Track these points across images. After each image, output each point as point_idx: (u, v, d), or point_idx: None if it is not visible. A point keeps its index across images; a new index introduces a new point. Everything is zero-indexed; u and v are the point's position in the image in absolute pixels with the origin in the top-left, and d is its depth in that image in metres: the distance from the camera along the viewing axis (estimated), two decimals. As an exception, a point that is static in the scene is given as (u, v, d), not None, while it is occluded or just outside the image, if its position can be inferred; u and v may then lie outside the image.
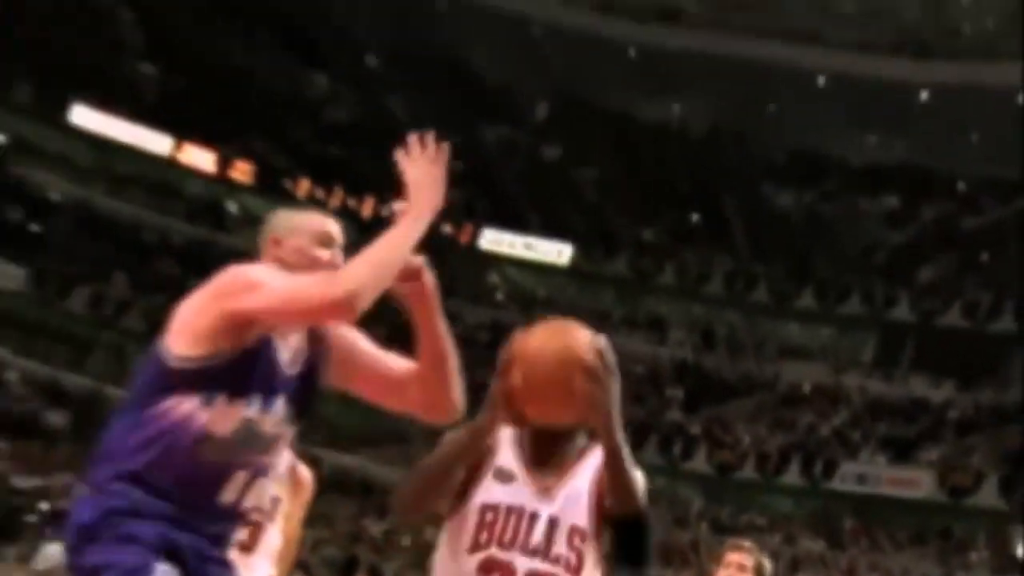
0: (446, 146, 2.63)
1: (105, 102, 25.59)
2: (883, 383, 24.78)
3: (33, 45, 26.64)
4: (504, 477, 2.87)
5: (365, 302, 2.61)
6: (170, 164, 26.29)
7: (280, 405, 2.67)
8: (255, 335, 2.64)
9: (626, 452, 2.71)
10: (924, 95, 25.89)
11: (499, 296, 26.05)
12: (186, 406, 2.56)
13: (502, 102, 27.37)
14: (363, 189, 24.76)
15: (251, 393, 2.65)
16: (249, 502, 2.76)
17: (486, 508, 2.89)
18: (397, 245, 2.68)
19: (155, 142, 26.46)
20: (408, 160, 2.68)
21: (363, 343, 2.88)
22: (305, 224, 2.99)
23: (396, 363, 2.89)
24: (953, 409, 24.04)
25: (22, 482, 21.88)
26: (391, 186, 2.73)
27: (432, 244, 2.55)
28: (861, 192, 26.66)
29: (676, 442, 23.64)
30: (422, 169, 2.70)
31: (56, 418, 23.00)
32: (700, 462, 23.41)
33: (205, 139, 25.75)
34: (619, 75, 26.93)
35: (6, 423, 22.57)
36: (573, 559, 2.84)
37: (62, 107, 26.92)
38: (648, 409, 23.83)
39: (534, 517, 2.89)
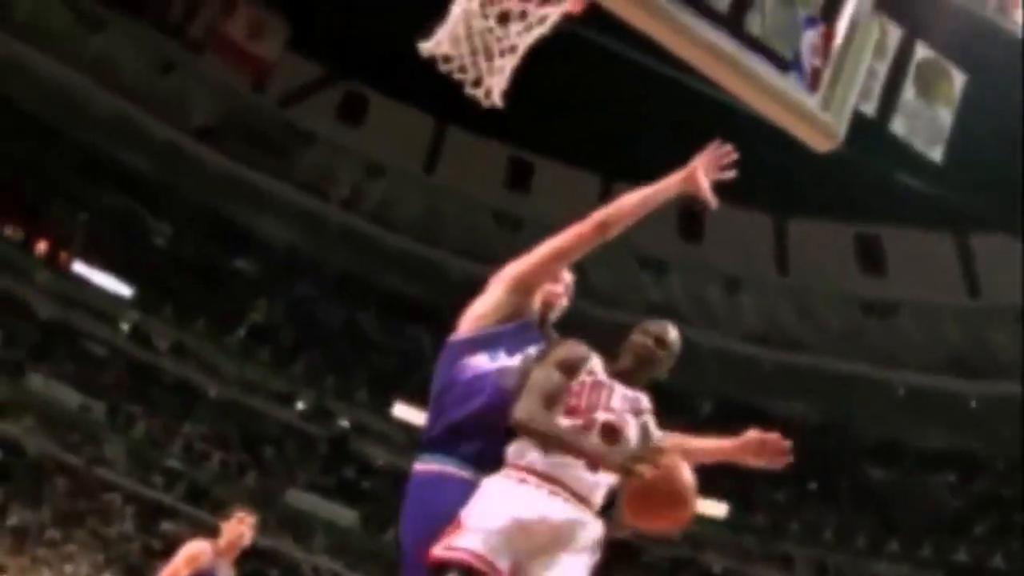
0: None
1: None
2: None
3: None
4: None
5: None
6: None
7: None
8: None
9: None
10: (972, 403, 36.92)
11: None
12: None
13: (673, 402, 39.16)
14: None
15: None
16: None
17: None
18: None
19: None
20: None
21: None
22: None
23: None
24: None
25: None
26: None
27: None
28: (929, 470, 36.22)
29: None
30: None
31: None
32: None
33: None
34: (759, 382, 38.53)
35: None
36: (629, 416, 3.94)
37: (388, 403, 35.37)
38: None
39: (612, 390, 3.96)
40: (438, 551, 3.76)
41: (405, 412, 34.87)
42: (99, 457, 31.93)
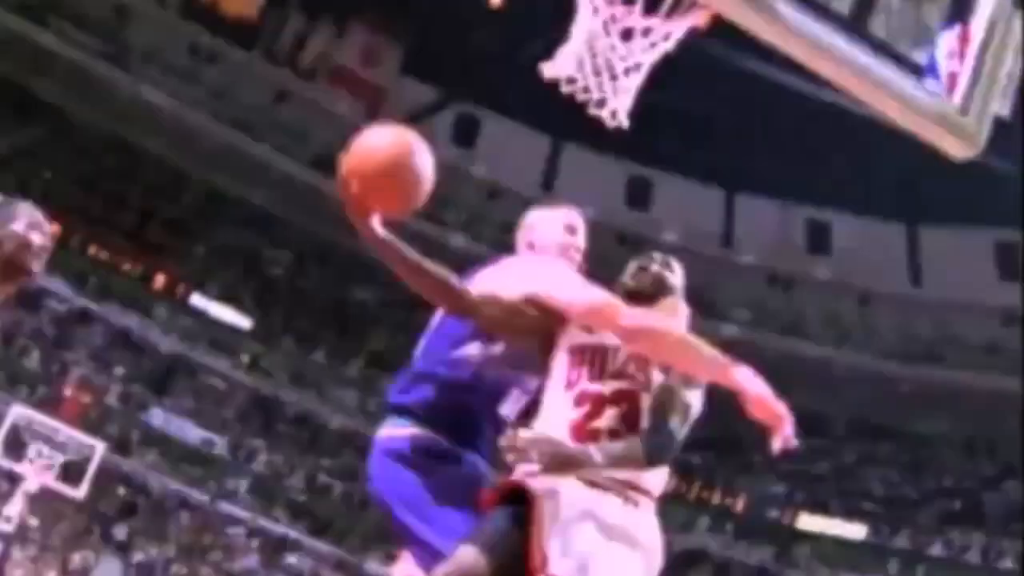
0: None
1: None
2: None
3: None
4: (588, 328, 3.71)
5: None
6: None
7: None
8: None
9: None
10: None
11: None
12: None
13: (812, 424, 38.94)
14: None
15: None
16: None
17: (574, 349, 3.72)
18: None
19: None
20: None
21: None
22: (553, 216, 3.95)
23: None
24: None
25: None
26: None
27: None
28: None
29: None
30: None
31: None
32: None
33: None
34: (895, 400, 38.06)
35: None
36: (644, 377, 3.65)
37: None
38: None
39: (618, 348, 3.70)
40: None
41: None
42: (222, 491, 32.54)
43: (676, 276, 4.17)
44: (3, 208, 4.49)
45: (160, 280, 35.67)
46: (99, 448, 23.68)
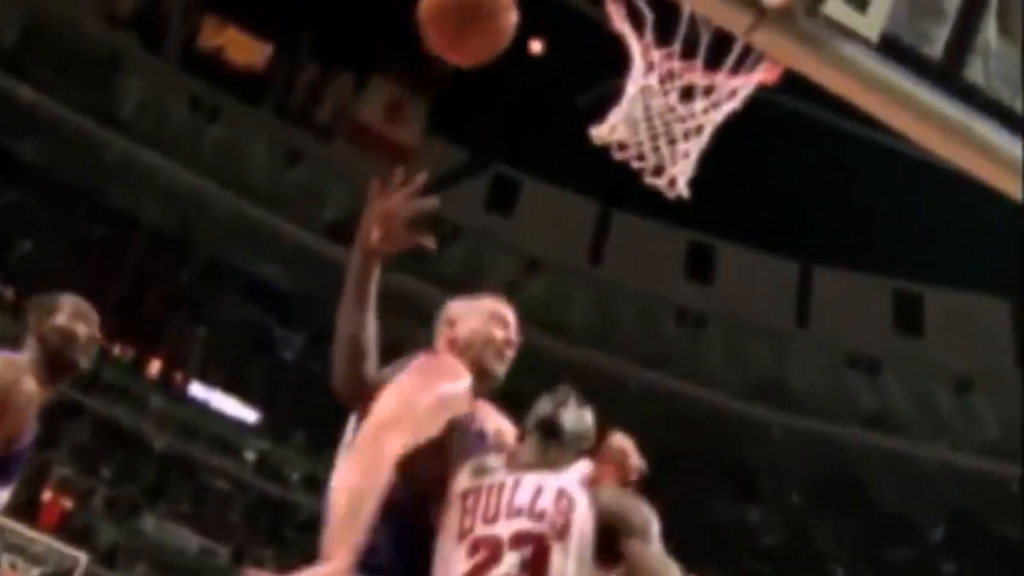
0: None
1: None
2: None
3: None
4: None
5: None
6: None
7: None
8: None
9: None
10: None
11: None
12: None
13: (902, 527, 38.57)
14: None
15: None
16: None
17: (466, 494, 3.58)
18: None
19: None
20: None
21: None
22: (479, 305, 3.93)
23: None
24: None
25: None
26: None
27: None
28: None
29: None
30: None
31: None
32: None
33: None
34: (1007, 507, 37.67)
35: None
36: (560, 521, 3.40)
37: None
38: None
39: (518, 482, 3.53)
40: None
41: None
42: (225, 608, 32.47)
43: (575, 423, 3.99)
44: (45, 300, 4.56)
45: (155, 366, 35.82)
46: (82, 560, 23.64)
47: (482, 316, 4.29)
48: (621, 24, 4.82)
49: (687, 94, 4.68)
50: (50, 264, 33.81)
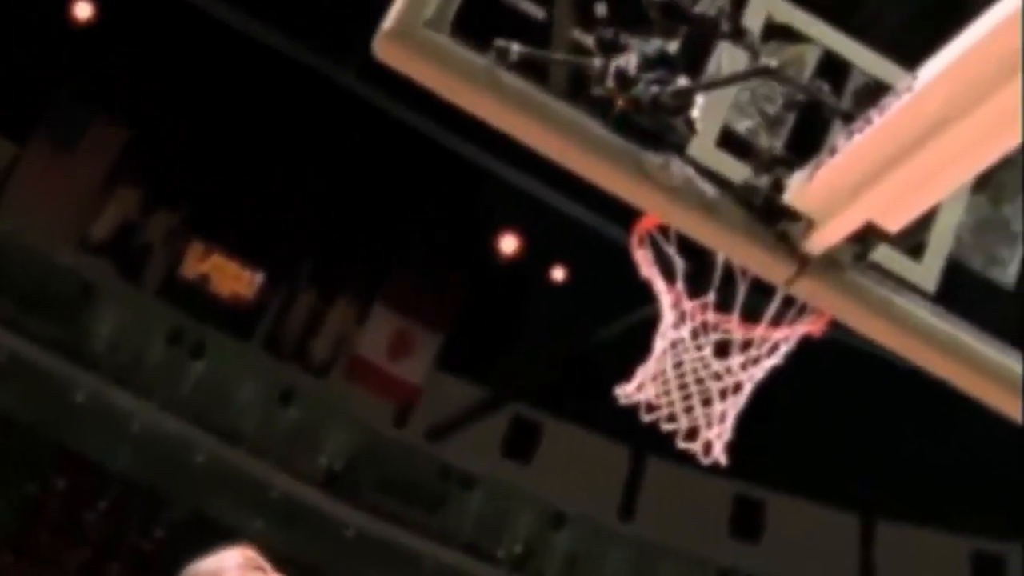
0: None
1: None
2: None
3: None
4: None
5: None
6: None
7: None
8: None
9: None
10: None
11: None
12: None
13: None
14: None
15: None
16: None
17: None
18: None
19: None
20: None
21: None
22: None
23: None
24: None
25: None
26: None
27: None
28: None
29: None
30: None
31: None
32: None
33: None
34: None
35: None
36: None
37: None
38: None
39: None
40: None
41: None
42: None
43: None
44: (210, 560, 4.54)
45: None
46: None
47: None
48: (650, 271, 4.96)
49: (723, 349, 4.79)
50: (4, 523, 33.71)
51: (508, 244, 34.78)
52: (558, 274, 33.53)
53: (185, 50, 34.87)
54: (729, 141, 4.87)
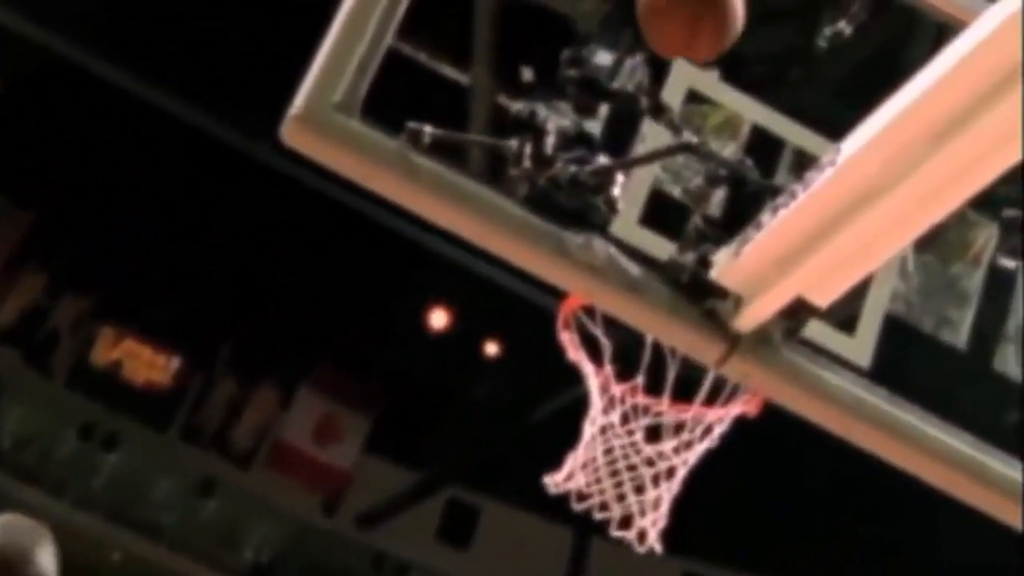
0: None
1: None
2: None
3: None
4: None
5: None
6: None
7: None
8: None
9: None
10: None
11: None
12: None
13: None
14: None
15: None
16: None
17: None
18: None
19: None
20: None
21: None
22: None
23: None
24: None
25: None
26: None
27: None
28: None
29: None
30: None
31: None
32: None
33: None
34: None
35: None
36: None
37: None
38: None
39: None
40: None
41: None
42: None
43: None
44: None
45: None
46: None
47: None
48: (577, 354, 5.03)
49: (655, 433, 4.87)
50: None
51: (438, 319, 34.76)
52: (492, 348, 33.54)
53: (93, 127, 34.76)
54: (653, 218, 4.95)
